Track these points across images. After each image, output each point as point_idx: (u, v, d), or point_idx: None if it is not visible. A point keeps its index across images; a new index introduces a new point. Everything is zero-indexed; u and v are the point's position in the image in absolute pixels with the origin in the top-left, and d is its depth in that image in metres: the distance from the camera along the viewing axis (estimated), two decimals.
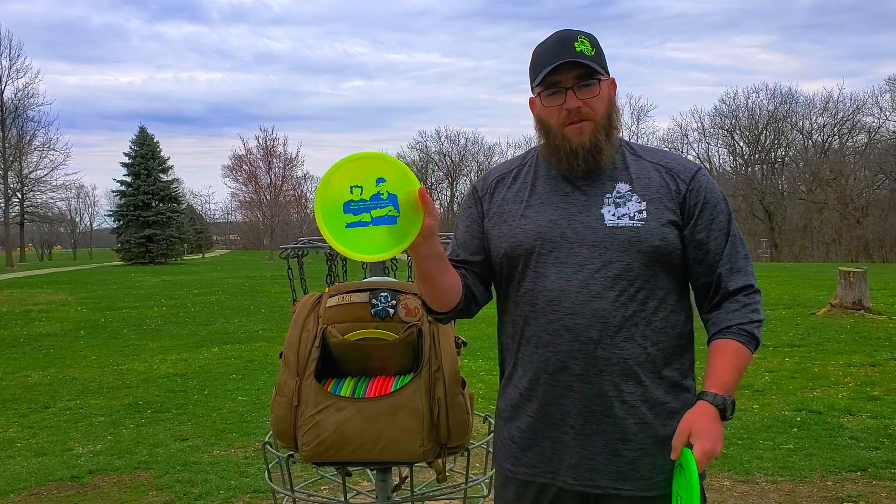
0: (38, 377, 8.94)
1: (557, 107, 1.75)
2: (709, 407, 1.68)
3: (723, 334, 1.76)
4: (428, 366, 2.56)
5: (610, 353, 1.71)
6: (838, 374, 7.67)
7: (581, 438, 1.75)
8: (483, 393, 6.78)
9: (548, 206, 1.80)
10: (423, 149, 73.76)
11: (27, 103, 45.87)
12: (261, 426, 6.20)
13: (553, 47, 1.75)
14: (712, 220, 1.79)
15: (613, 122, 1.80)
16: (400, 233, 1.61)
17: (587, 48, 1.74)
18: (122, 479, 4.99)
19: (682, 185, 1.79)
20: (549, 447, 1.79)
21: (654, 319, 1.75)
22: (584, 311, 1.71)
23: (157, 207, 51.58)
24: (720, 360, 1.74)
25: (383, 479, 2.81)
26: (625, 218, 1.74)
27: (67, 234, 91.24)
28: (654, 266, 1.74)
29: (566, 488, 1.78)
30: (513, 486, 1.86)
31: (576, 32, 1.77)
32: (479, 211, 1.90)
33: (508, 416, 1.87)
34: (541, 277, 1.76)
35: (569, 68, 1.73)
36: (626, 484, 1.75)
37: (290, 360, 2.62)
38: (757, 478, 4.66)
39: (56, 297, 20.70)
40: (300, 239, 3.28)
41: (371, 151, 1.65)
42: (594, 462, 1.75)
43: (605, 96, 1.77)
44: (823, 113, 51.93)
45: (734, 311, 1.77)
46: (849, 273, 12.02)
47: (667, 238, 1.75)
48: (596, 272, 1.72)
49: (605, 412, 1.73)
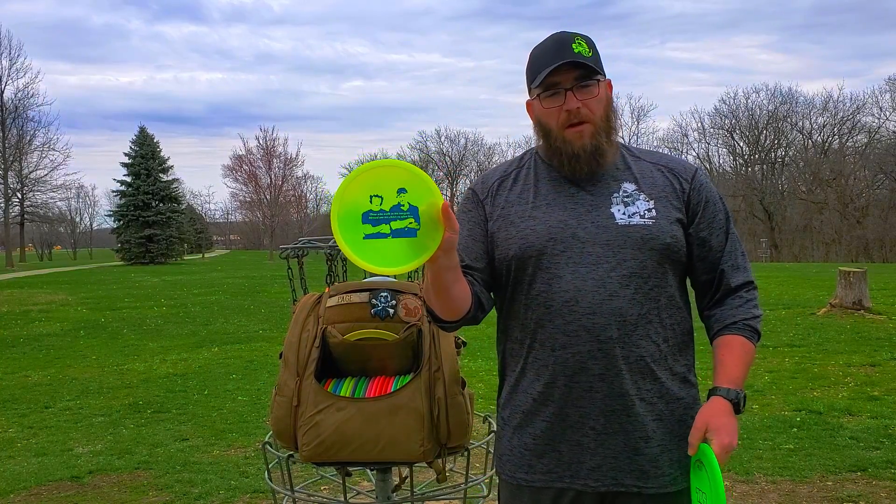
0: (38, 377, 8.94)
1: (557, 108, 1.75)
2: (723, 402, 1.69)
3: (728, 330, 1.79)
4: (428, 366, 2.56)
5: (629, 352, 1.72)
6: (838, 375, 7.67)
7: (602, 439, 1.74)
8: (483, 393, 6.78)
9: (555, 206, 1.80)
10: (423, 149, 73.81)
11: (27, 103, 45.98)
12: (261, 426, 6.20)
13: (551, 49, 1.76)
14: (713, 218, 1.82)
15: (612, 123, 1.81)
16: (419, 246, 1.55)
17: (585, 49, 1.75)
18: (122, 479, 4.99)
19: (685, 185, 1.82)
20: (568, 451, 1.77)
21: (664, 316, 1.77)
22: (602, 311, 1.71)
23: (157, 207, 51.59)
24: (728, 355, 1.76)
25: (383, 479, 2.81)
26: (635, 216, 1.76)
27: (67, 234, 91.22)
28: (665, 263, 1.76)
29: (585, 491, 1.76)
30: (526, 494, 1.82)
31: (573, 34, 1.77)
32: (480, 214, 1.87)
33: (519, 423, 1.83)
34: (555, 278, 1.74)
35: (568, 69, 1.73)
36: (650, 482, 1.75)
37: (290, 360, 2.62)
38: (757, 478, 4.66)
39: (56, 297, 20.70)
40: (300, 239, 3.28)
41: (393, 160, 1.60)
42: (616, 461, 1.74)
43: (603, 97, 1.78)
44: (823, 113, 52.02)
45: (737, 308, 1.80)
46: (849, 273, 12.02)
47: (676, 236, 1.77)
48: (611, 271, 1.73)
49: (626, 411, 1.73)
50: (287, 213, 65.95)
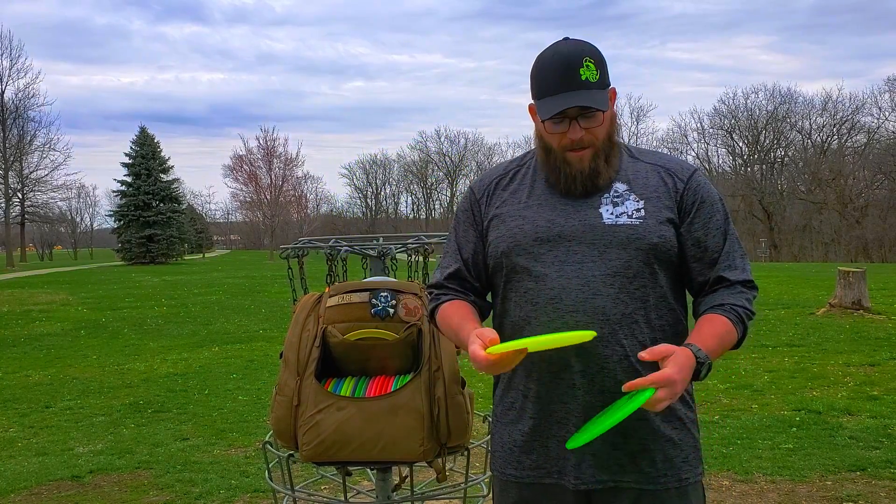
0: (39, 377, 8.95)
1: (561, 133, 1.76)
2: (690, 353, 1.62)
3: (713, 310, 1.76)
4: (428, 365, 2.57)
5: (611, 350, 1.73)
6: (837, 374, 7.67)
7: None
8: (483, 392, 6.76)
9: (546, 206, 1.82)
10: (423, 149, 73.83)
11: (28, 103, 45.94)
12: (261, 426, 6.21)
13: (558, 73, 1.73)
14: (710, 218, 1.81)
15: (614, 139, 1.81)
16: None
17: (592, 73, 1.72)
18: (122, 479, 5.00)
19: (679, 184, 1.81)
20: (555, 447, 1.79)
21: (653, 316, 1.76)
22: (585, 309, 1.73)
23: (158, 207, 51.59)
24: (708, 327, 1.72)
25: (383, 479, 2.82)
26: (623, 216, 1.76)
27: (68, 234, 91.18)
28: (653, 263, 1.76)
29: (570, 487, 1.78)
30: (514, 490, 1.85)
31: (579, 53, 1.73)
32: (476, 214, 1.91)
33: (509, 419, 1.87)
34: (541, 276, 1.77)
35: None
36: (626, 476, 1.76)
37: (290, 359, 2.63)
38: (756, 477, 4.67)
39: (57, 296, 20.70)
40: (300, 239, 3.28)
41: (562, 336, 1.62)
42: (595, 458, 1.76)
43: (607, 120, 1.78)
44: (823, 113, 52.03)
45: (729, 295, 1.78)
46: (848, 273, 12.03)
47: (664, 236, 1.77)
48: (596, 270, 1.74)
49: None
50: (287, 213, 65.95)
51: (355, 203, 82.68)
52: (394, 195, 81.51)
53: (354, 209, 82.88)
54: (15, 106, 45.44)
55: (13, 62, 46.69)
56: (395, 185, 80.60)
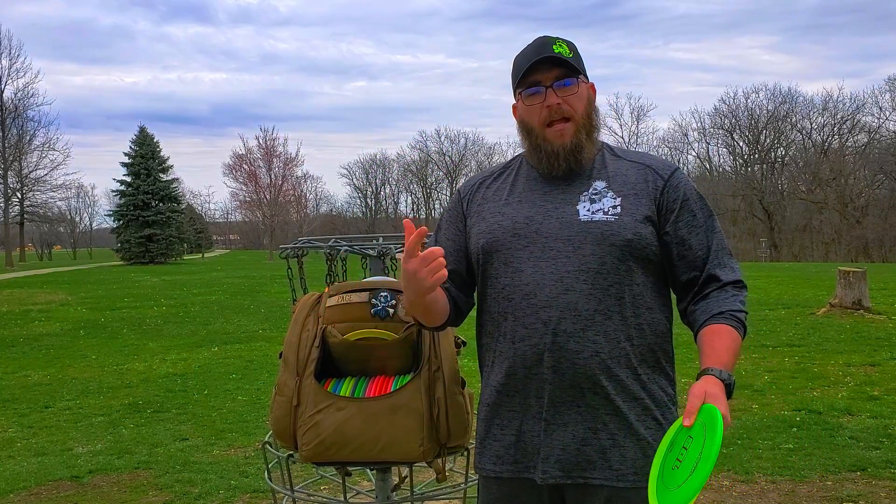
0: (38, 377, 8.94)
1: (538, 105, 1.79)
2: (716, 380, 1.62)
3: (715, 319, 1.75)
4: (428, 366, 2.56)
5: (583, 347, 1.73)
6: (838, 374, 7.67)
7: (552, 429, 1.76)
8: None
9: (525, 203, 1.84)
10: (423, 148, 73.84)
11: (27, 103, 45.92)
12: (261, 426, 6.20)
13: (532, 50, 1.82)
14: (693, 216, 1.82)
15: (594, 121, 1.85)
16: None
17: (565, 51, 1.80)
18: (121, 479, 4.99)
19: (659, 182, 1.82)
20: (529, 442, 1.80)
21: (628, 314, 1.76)
22: (557, 304, 1.74)
23: (157, 207, 51.54)
24: (719, 341, 1.71)
25: (383, 479, 2.81)
26: (599, 213, 1.78)
27: (67, 233, 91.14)
28: (628, 261, 1.76)
29: (538, 482, 1.78)
30: (494, 486, 1.86)
31: (554, 37, 1.83)
32: (459, 213, 1.96)
33: (489, 415, 1.87)
34: (517, 272, 1.79)
35: (548, 68, 1.78)
36: (595, 473, 1.75)
37: (289, 359, 2.62)
38: (756, 478, 4.66)
39: (56, 296, 20.69)
40: (300, 239, 3.28)
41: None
42: (564, 453, 1.76)
43: (584, 95, 1.82)
44: (823, 113, 52.05)
45: (725, 300, 1.77)
46: (848, 273, 12.02)
47: (640, 233, 1.77)
48: (570, 265, 1.75)
49: (575, 402, 1.75)
50: (287, 212, 65.97)
51: (355, 203, 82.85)
52: (393, 195, 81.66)
53: (354, 209, 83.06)
54: (14, 105, 45.44)
55: (12, 62, 46.72)
56: (395, 184, 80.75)
